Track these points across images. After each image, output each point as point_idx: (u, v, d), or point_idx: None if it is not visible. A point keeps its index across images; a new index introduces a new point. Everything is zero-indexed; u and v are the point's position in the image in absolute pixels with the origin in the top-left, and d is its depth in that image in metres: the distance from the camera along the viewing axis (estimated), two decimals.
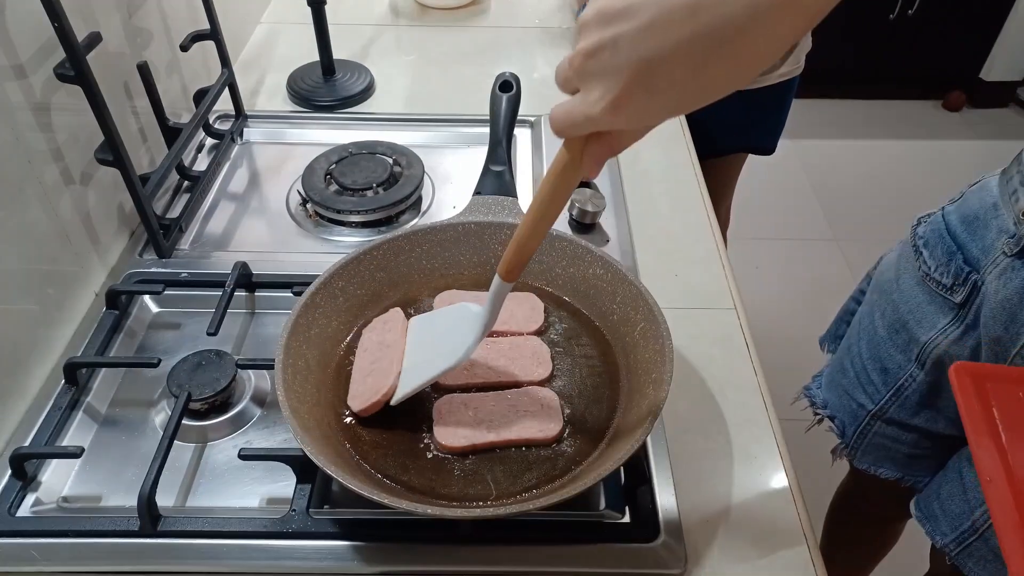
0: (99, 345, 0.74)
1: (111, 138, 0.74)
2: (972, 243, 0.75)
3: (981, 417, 0.53)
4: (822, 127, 2.89)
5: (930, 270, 0.78)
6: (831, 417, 0.95)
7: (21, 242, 0.69)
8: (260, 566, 0.59)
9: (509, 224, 0.77)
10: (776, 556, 0.62)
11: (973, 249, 0.75)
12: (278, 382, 0.60)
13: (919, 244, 0.81)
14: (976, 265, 0.74)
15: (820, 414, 0.97)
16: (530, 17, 1.39)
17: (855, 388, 0.91)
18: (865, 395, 0.89)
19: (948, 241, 0.78)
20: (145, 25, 0.91)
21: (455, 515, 0.58)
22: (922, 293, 0.80)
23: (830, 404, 0.96)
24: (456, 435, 0.62)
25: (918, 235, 0.82)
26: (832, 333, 1.03)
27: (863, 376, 0.89)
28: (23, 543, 0.60)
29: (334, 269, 0.71)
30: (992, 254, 0.72)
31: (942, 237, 0.78)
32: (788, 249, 2.36)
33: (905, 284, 0.82)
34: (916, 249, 0.81)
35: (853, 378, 0.91)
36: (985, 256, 0.73)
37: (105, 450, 0.68)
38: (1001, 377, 0.56)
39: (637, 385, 0.66)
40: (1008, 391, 0.55)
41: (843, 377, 0.93)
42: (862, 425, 0.90)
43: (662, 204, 0.97)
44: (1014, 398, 0.54)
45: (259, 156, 1.04)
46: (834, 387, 0.96)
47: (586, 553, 0.60)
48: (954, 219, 0.78)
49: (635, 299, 0.69)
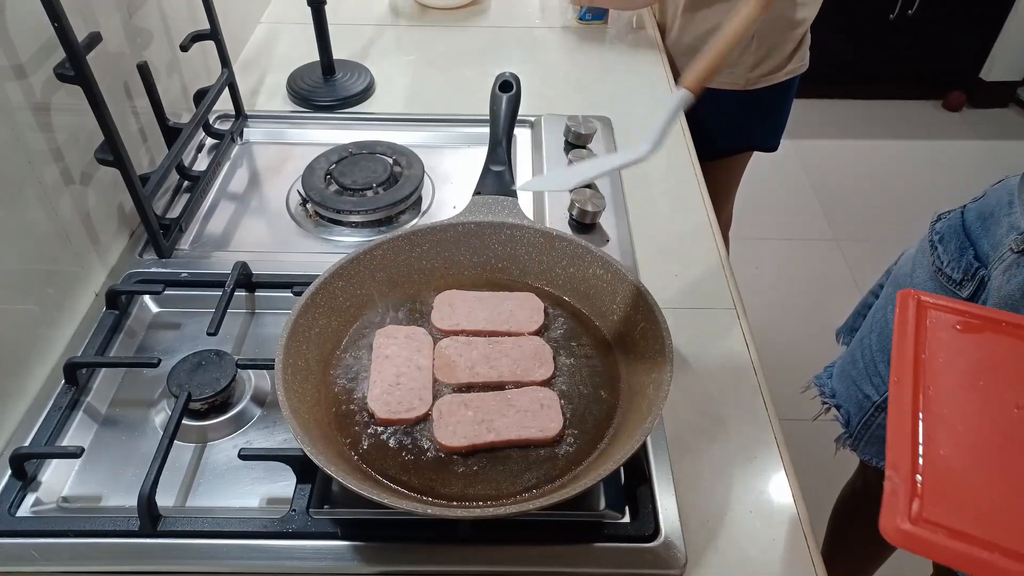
0: (99, 345, 0.74)
1: (111, 138, 0.74)
2: (984, 239, 0.76)
3: (912, 334, 0.56)
4: (822, 127, 2.89)
5: (942, 264, 0.79)
6: (837, 406, 0.96)
7: (21, 242, 0.69)
8: (260, 566, 0.59)
9: (509, 224, 0.77)
10: (776, 556, 0.62)
11: (984, 245, 0.76)
12: (278, 382, 0.60)
13: (935, 239, 0.82)
14: (985, 261, 0.75)
15: (827, 403, 0.98)
16: (530, 17, 1.39)
17: (863, 379, 0.91)
18: (872, 386, 0.90)
19: (962, 237, 0.79)
20: (145, 25, 0.91)
21: (455, 515, 0.58)
22: (934, 287, 0.80)
23: (838, 394, 0.97)
24: (456, 435, 0.62)
25: (935, 231, 0.83)
26: (848, 326, 1.04)
27: (871, 368, 0.90)
28: (23, 543, 0.60)
29: (334, 269, 0.71)
30: (1000, 250, 0.73)
31: (957, 233, 0.80)
32: (788, 249, 2.36)
33: (919, 278, 0.83)
34: (932, 244, 0.82)
35: (862, 369, 0.92)
36: (994, 252, 0.74)
37: (105, 450, 0.68)
38: (943, 306, 0.59)
39: (637, 385, 0.66)
40: (945, 319, 0.58)
41: (853, 368, 0.94)
42: (866, 416, 0.91)
43: (662, 204, 0.97)
44: (948, 325, 0.58)
45: (259, 156, 1.04)
46: (844, 377, 0.97)
47: (586, 553, 0.60)
48: (972, 216, 0.80)
49: (635, 299, 0.69)
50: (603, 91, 1.19)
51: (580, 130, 1.01)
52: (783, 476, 0.67)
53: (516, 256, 0.78)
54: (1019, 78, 2.96)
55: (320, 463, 0.54)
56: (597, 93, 1.19)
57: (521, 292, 0.76)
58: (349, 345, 0.71)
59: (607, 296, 0.73)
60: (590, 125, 1.02)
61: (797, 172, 2.70)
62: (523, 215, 0.78)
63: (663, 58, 1.28)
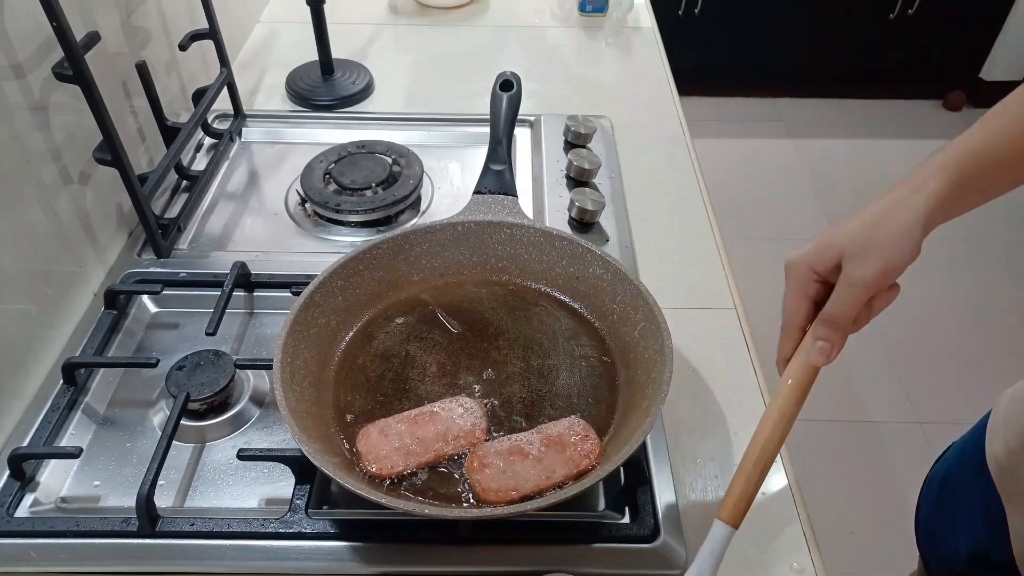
0: (97, 345, 0.74)
1: (109, 138, 0.73)
2: None
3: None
4: (822, 127, 2.89)
5: None
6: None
7: (19, 242, 0.69)
8: (259, 566, 0.59)
9: (509, 223, 0.77)
10: (776, 556, 0.62)
11: None
12: (276, 382, 0.60)
13: None
14: None
15: None
16: (530, 17, 1.39)
17: None
18: None
19: None
20: (144, 24, 0.91)
21: (453, 515, 0.58)
22: None
23: None
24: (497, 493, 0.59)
25: None
26: None
27: None
28: (21, 543, 0.60)
29: (333, 268, 0.71)
30: None
31: None
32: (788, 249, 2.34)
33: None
34: None
35: None
36: None
37: (103, 450, 0.68)
38: None
39: (637, 385, 0.66)
40: None
41: None
42: None
43: (662, 204, 0.97)
44: None
45: (258, 156, 1.04)
46: None
47: (586, 554, 0.60)
48: None
49: (635, 299, 0.69)
50: (603, 91, 1.19)
51: (580, 129, 1.01)
52: (783, 476, 0.67)
53: (516, 255, 0.77)
54: (1019, 78, 2.95)
55: (319, 463, 0.54)
56: (597, 93, 1.19)
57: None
58: (349, 344, 0.71)
59: (607, 296, 0.72)
60: (590, 125, 1.02)
61: (797, 172, 2.69)
62: (523, 215, 0.78)
63: (663, 57, 1.28)
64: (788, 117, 2.95)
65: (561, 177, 0.98)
